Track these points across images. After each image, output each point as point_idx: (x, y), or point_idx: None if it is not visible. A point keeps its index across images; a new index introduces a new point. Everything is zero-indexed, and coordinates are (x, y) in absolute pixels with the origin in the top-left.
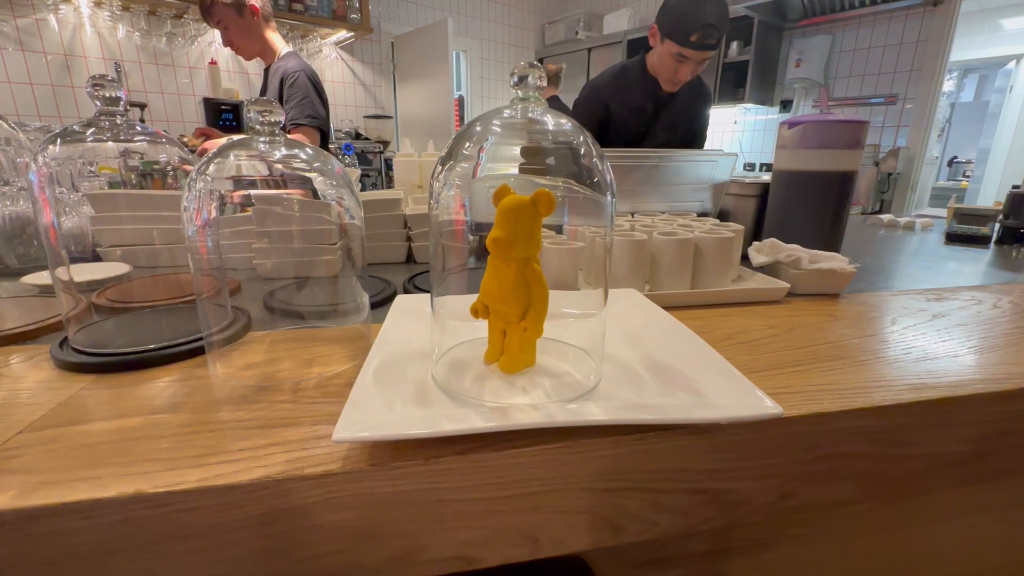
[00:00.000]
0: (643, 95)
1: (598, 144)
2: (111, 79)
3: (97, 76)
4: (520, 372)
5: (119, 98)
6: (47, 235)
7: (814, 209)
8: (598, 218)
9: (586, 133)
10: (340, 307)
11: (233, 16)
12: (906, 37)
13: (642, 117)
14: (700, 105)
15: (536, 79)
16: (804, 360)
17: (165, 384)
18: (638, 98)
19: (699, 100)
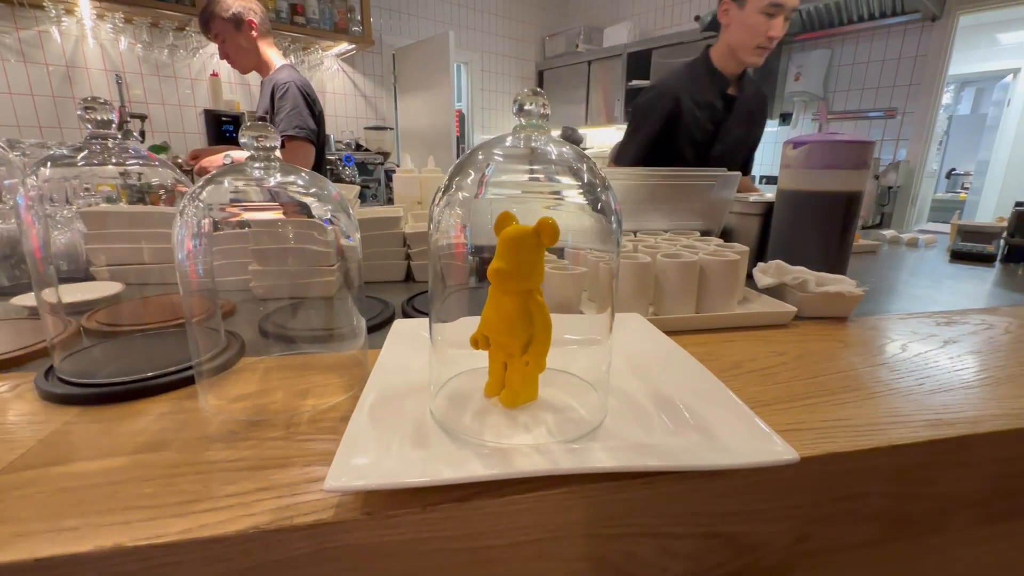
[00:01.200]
0: (712, 91)
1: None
2: (103, 101)
3: (88, 99)
4: (522, 407)
5: (111, 120)
6: (32, 258)
7: (820, 230)
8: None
9: (589, 159)
10: (336, 332)
11: (231, 30)
12: (905, 51)
13: (712, 115)
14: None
15: (539, 107)
16: (815, 392)
17: (153, 418)
18: (708, 94)
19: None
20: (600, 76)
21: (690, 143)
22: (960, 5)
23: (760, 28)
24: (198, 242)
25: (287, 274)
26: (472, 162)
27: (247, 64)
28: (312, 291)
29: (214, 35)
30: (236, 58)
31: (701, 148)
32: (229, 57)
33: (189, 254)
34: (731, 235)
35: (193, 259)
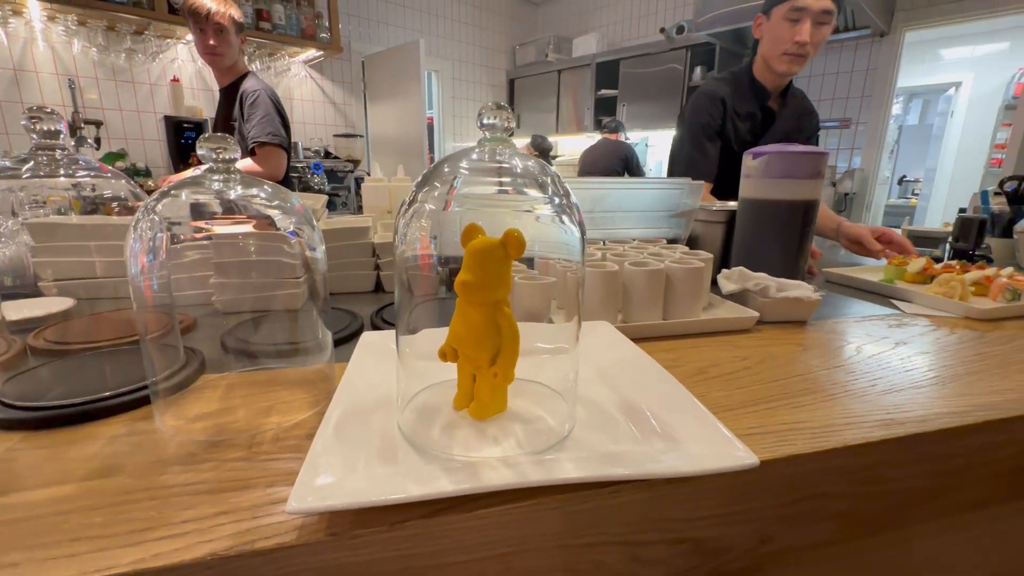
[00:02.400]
0: (752, 102)
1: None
2: (50, 111)
3: (34, 108)
4: (491, 419)
5: (59, 131)
6: None
7: (779, 237)
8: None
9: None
10: (301, 346)
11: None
12: (857, 65)
13: (752, 126)
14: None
15: (503, 120)
16: (776, 395)
17: (105, 441)
18: (748, 104)
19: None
20: (570, 85)
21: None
22: (906, 22)
23: (786, 35)
24: (152, 256)
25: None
26: (438, 175)
27: (225, 62)
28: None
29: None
30: (223, 53)
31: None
32: (217, 52)
33: (143, 269)
34: (697, 242)
35: (147, 274)
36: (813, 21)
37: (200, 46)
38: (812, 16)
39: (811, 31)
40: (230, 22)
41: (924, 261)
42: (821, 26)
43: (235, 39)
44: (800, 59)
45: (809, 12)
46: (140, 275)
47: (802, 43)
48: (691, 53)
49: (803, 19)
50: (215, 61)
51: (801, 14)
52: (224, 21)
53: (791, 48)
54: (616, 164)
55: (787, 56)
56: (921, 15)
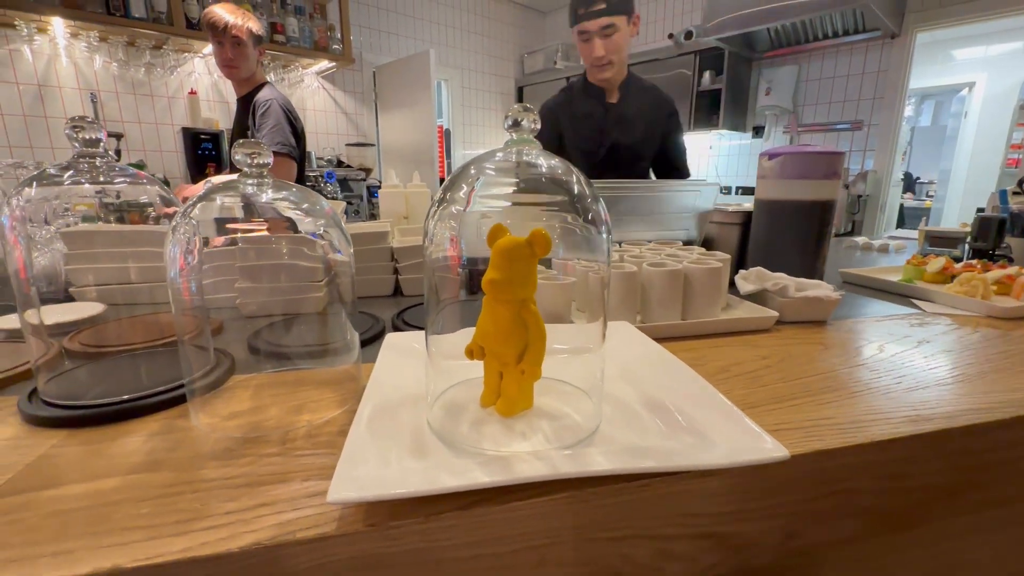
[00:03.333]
0: (590, 101)
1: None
2: (91, 120)
3: (77, 118)
4: (518, 415)
5: (99, 139)
6: (17, 279)
7: (797, 237)
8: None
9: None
10: (329, 347)
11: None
12: (868, 67)
13: (594, 120)
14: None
15: (531, 122)
16: (799, 393)
17: (144, 438)
18: (586, 104)
19: (660, 108)
20: None
21: (580, 152)
22: (917, 23)
23: (585, 52)
24: (190, 259)
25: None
26: (465, 176)
27: (242, 74)
28: (304, 307)
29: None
30: (240, 65)
31: (591, 154)
32: (234, 64)
33: (182, 271)
34: (712, 244)
35: (186, 276)
36: (600, 36)
37: (218, 58)
38: (597, 33)
39: (602, 44)
40: (248, 35)
41: (943, 261)
42: (608, 38)
43: (252, 51)
44: (604, 67)
45: (591, 32)
46: (179, 278)
47: (598, 58)
48: (700, 58)
49: (591, 38)
50: (232, 73)
51: (588, 35)
52: (241, 34)
53: (593, 61)
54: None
55: (594, 67)
56: (932, 16)
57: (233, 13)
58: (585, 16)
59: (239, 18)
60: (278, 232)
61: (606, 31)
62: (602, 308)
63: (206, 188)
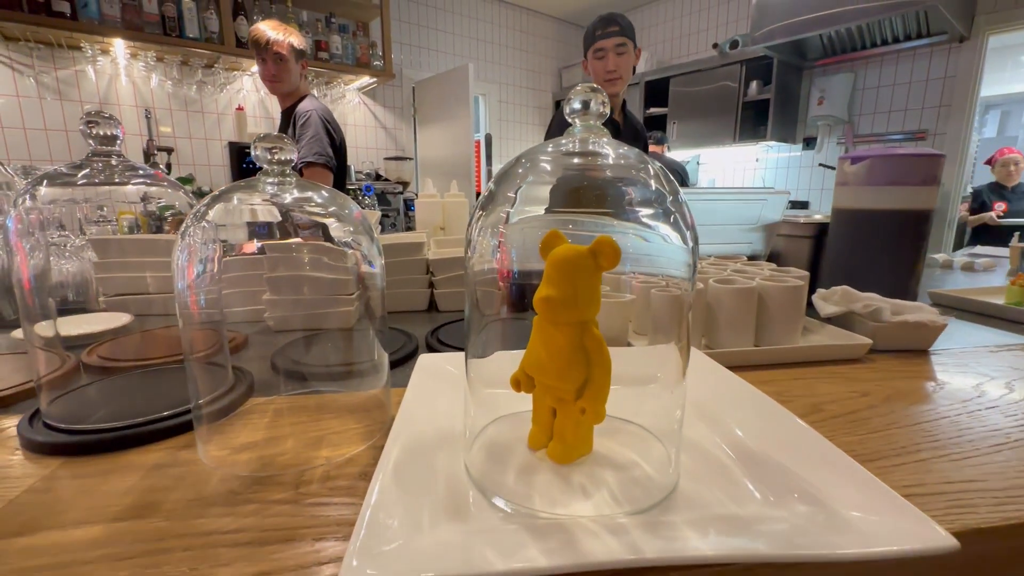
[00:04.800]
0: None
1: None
2: (107, 116)
3: (92, 112)
4: (575, 462)
5: (115, 136)
6: (21, 290)
7: (887, 252)
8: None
9: (655, 162)
10: (356, 368)
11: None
12: (932, 73)
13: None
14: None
15: (599, 104)
16: (922, 443)
17: (144, 472)
18: None
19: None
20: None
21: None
22: (989, 25)
23: (597, 68)
24: (202, 268)
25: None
26: (516, 171)
27: (285, 88)
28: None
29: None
30: (283, 80)
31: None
32: (278, 78)
33: (190, 283)
34: (779, 259)
35: (195, 288)
36: (614, 53)
37: (262, 73)
38: (612, 50)
39: (616, 60)
40: (289, 50)
41: None
42: (621, 55)
43: (295, 66)
44: (616, 81)
45: (606, 49)
46: (187, 289)
47: (611, 71)
48: (746, 68)
49: (606, 55)
50: (274, 87)
51: (603, 52)
52: (283, 50)
53: (606, 76)
54: None
55: (607, 81)
56: (1007, 17)
57: (276, 29)
58: (603, 36)
59: (281, 33)
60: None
61: (619, 48)
62: (677, 331)
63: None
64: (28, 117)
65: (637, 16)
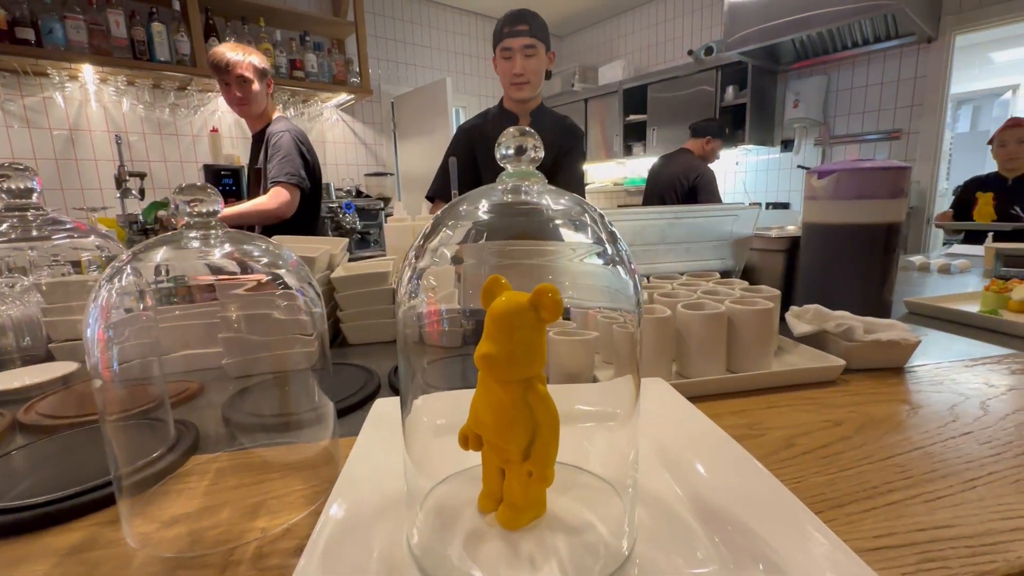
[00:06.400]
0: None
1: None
2: (20, 167)
3: (5, 165)
4: (526, 527)
5: (31, 189)
6: None
7: (858, 267)
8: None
9: (593, 208)
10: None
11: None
12: (903, 73)
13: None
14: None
15: (532, 148)
16: (895, 481)
17: (55, 561)
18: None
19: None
20: (597, 113)
21: (490, 170)
22: (955, 26)
23: (504, 70)
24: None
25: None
26: (450, 218)
27: (254, 111)
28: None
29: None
30: (250, 103)
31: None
32: (244, 102)
33: (101, 342)
34: (753, 274)
35: (107, 348)
36: (522, 55)
37: (226, 97)
38: (519, 51)
39: (523, 63)
40: (252, 71)
41: None
42: (530, 57)
43: (260, 86)
44: (523, 85)
45: (513, 50)
46: (97, 350)
47: (518, 74)
48: (722, 73)
49: (513, 56)
50: (242, 110)
51: (510, 52)
52: (246, 71)
53: (512, 79)
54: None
55: (513, 85)
56: (971, 18)
57: (235, 50)
58: (509, 34)
59: (240, 54)
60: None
61: (527, 50)
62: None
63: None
64: None
65: (612, 25)
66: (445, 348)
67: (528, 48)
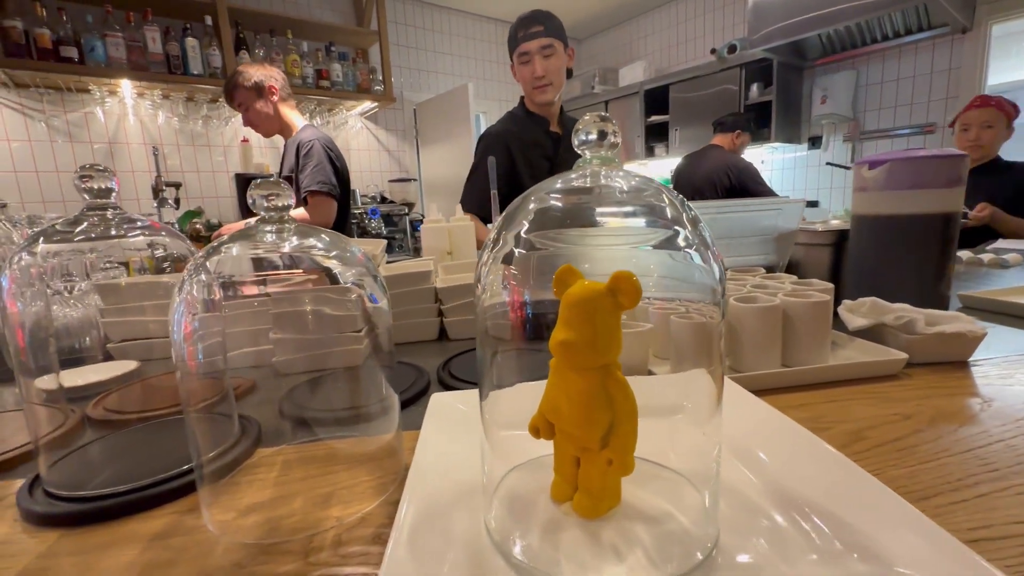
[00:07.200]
0: (536, 131)
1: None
2: (101, 168)
3: (87, 166)
4: (604, 515)
5: (110, 189)
6: (16, 347)
7: (914, 259)
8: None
9: (669, 189)
10: (365, 411)
11: (253, 97)
12: (937, 66)
13: (542, 152)
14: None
15: (612, 135)
16: (980, 474)
17: (143, 546)
18: (533, 134)
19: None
20: (618, 114)
21: (531, 178)
22: (991, 15)
23: (524, 74)
24: (201, 320)
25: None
26: (524, 208)
27: (270, 128)
28: (335, 362)
29: (238, 104)
30: (259, 123)
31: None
32: (253, 124)
33: (187, 335)
34: (798, 269)
35: (193, 341)
36: (541, 56)
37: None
38: (537, 53)
39: (543, 64)
40: (247, 95)
41: None
42: (549, 58)
43: (262, 102)
44: (546, 88)
45: (531, 52)
46: (184, 343)
47: (538, 77)
48: (746, 71)
49: (531, 59)
50: (260, 131)
51: (528, 56)
52: (243, 99)
53: (534, 83)
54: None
55: (536, 89)
56: (1008, 5)
57: (230, 82)
58: (525, 38)
59: (230, 84)
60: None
61: (545, 51)
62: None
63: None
64: (40, 160)
65: (632, 26)
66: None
67: (546, 48)
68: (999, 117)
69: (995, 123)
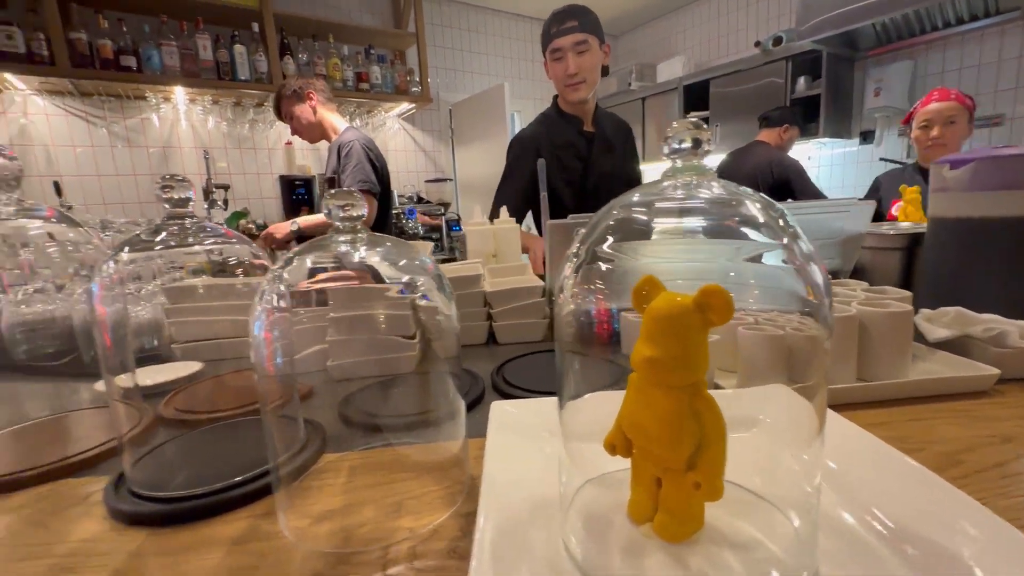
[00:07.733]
0: (568, 131)
1: None
2: (180, 179)
3: (167, 176)
4: (687, 540)
5: (188, 199)
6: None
7: (1003, 265)
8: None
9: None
10: (430, 416)
11: (295, 104)
12: (1005, 53)
13: (575, 152)
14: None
15: (707, 143)
16: None
17: (226, 549)
18: (565, 134)
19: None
20: (655, 111)
21: (565, 182)
22: None
23: (557, 71)
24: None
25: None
26: (607, 219)
27: (315, 135)
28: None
29: (285, 115)
30: (303, 131)
31: (576, 184)
32: (299, 131)
33: (267, 339)
34: (864, 275)
35: (271, 344)
36: (574, 53)
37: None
38: (571, 50)
39: (576, 61)
40: (289, 104)
41: None
42: (583, 54)
43: (302, 109)
44: (579, 86)
45: (564, 49)
46: (264, 346)
47: (571, 74)
48: (792, 63)
49: (564, 55)
50: (306, 138)
51: (561, 52)
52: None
53: (567, 80)
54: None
55: (568, 87)
56: None
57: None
58: (558, 34)
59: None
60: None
61: (579, 47)
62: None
63: (298, 247)
64: (101, 164)
65: (671, 20)
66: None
67: (580, 45)
68: (961, 111)
69: (958, 118)
